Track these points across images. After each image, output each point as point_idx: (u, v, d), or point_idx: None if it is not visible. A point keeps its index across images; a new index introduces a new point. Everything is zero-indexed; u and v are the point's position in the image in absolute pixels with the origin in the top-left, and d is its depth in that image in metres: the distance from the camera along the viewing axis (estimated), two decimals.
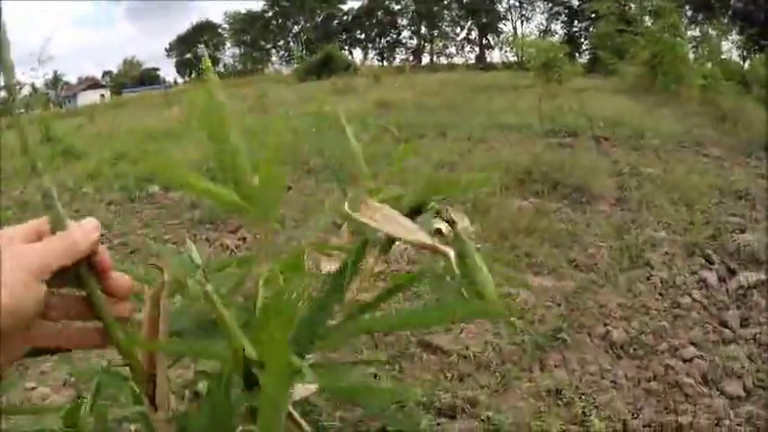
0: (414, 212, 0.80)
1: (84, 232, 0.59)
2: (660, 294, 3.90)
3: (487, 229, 4.95)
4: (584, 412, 2.70)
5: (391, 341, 3.25)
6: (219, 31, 73.10)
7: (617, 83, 20.55)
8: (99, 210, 7.19)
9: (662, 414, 2.72)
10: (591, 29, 46.65)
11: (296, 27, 69.49)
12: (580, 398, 2.81)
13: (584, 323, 3.54)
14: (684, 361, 3.12)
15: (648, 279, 4.12)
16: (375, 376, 2.97)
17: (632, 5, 29.48)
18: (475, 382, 2.94)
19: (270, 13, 68.91)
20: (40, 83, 53.59)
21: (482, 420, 2.63)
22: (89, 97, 54.03)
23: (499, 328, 3.42)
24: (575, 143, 9.22)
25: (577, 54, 45.77)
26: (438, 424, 2.60)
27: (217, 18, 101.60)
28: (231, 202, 0.74)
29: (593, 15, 41.20)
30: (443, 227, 0.76)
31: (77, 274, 0.59)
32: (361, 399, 0.78)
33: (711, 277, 4.12)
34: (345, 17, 67.02)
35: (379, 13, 66.35)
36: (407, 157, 0.78)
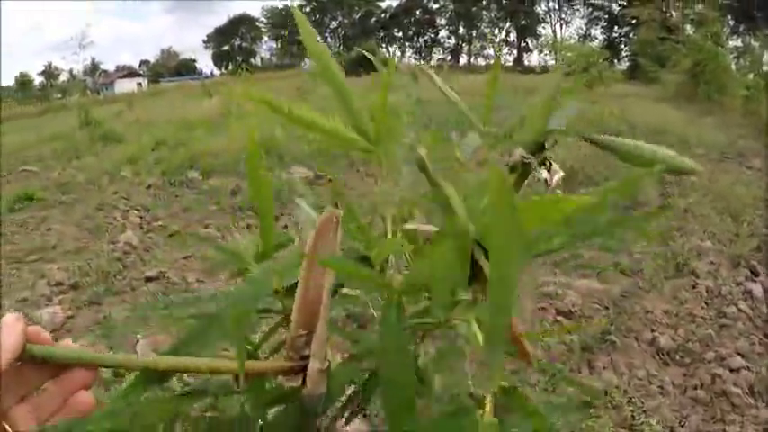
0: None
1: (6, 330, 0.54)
2: (706, 303, 3.87)
3: None
4: (632, 416, 2.69)
5: None
6: (257, 24, 73.38)
7: (658, 91, 20.29)
8: (138, 193, 7.24)
9: (709, 423, 2.71)
10: (631, 35, 46.29)
11: (333, 23, 69.66)
12: (629, 402, 2.81)
13: (631, 327, 3.52)
14: (731, 371, 3.08)
15: (694, 288, 4.07)
16: None
17: (673, 13, 29.23)
18: (524, 380, 2.91)
19: (308, 9, 69.07)
20: (79, 68, 54.25)
21: None
22: (126, 85, 54.52)
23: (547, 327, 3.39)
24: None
25: (616, 60, 45.35)
26: None
27: (255, 11, 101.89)
28: (352, 140, 0.76)
29: (633, 21, 40.75)
30: (547, 176, 0.78)
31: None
32: None
33: (756, 289, 4.06)
34: (383, 15, 66.98)
35: (418, 12, 66.23)
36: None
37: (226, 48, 73.82)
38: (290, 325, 0.69)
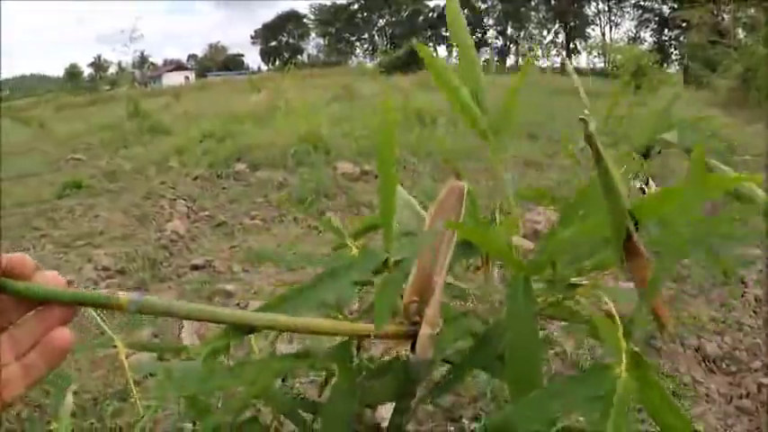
0: None
1: None
2: (754, 312, 3.75)
3: None
4: None
5: None
6: (305, 21, 73.76)
7: (709, 96, 19.94)
8: (185, 183, 7.28)
9: None
10: (681, 38, 45.69)
11: (381, 21, 69.72)
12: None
13: (677, 333, 3.42)
14: None
15: (742, 296, 3.97)
16: None
17: (725, 16, 28.73)
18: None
19: (356, 6, 69.23)
20: (128, 61, 54.94)
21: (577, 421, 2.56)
22: (173, 79, 55.07)
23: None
24: (667, 152, 8.99)
25: (666, 64, 44.76)
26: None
27: (303, 8, 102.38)
28: (480, 127, 0.82)
29: (683, 25, 40.17)
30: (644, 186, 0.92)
31: None
32: None
33: None
34: (431, 13, 66.92)
35: (466, 11, 66.02)
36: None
37: (273, 44, 74.39)
38: (404, 291, 0.73)
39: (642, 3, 58.99)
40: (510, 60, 65.58)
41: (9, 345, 0.56)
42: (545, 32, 65.44)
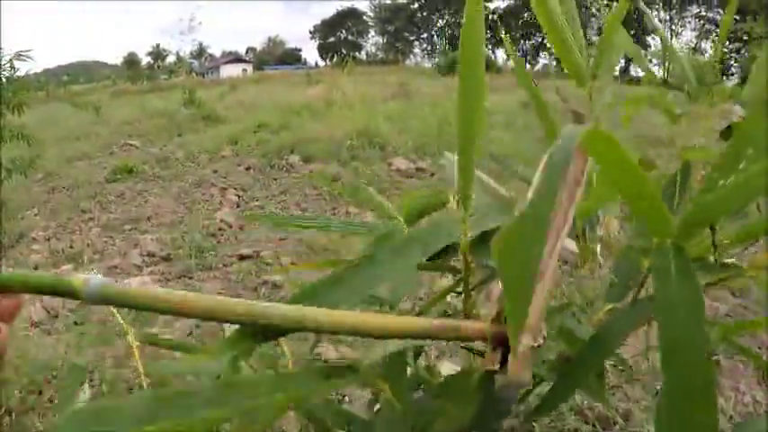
0: None
1: None
2: None
3: None
4: None
5: None
6: (364, 18, 73.94)
7: None
8: (236, 173, 7.26)
9: None
10: (742, 51, 44.83)
11: (441, 21, 69.59)
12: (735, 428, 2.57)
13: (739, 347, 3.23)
14: None
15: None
16: None
17: None
18: (626, 395, 2.75)
19: (416, 5, 69.21)
20: (186, 51, 55.56)
21: None
22: (231, 70, 55.53)
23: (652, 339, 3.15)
24: None
25: (725, 77, 43.98)
26: None
27: (363, 6, 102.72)
28: (576, 65, 0.76)
29: (745, 38, 39.40)
30: None
31: None
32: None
33: None
34: (491, 15, 66.57)
35: (526, 14, 65.62)
36: None
37: (331, 40, 74.77)
38: (499, 282, 0.50)
39: (703, 13, 58.23)
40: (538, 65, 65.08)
41: None
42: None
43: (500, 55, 61.05)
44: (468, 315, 0.60)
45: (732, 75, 48.60)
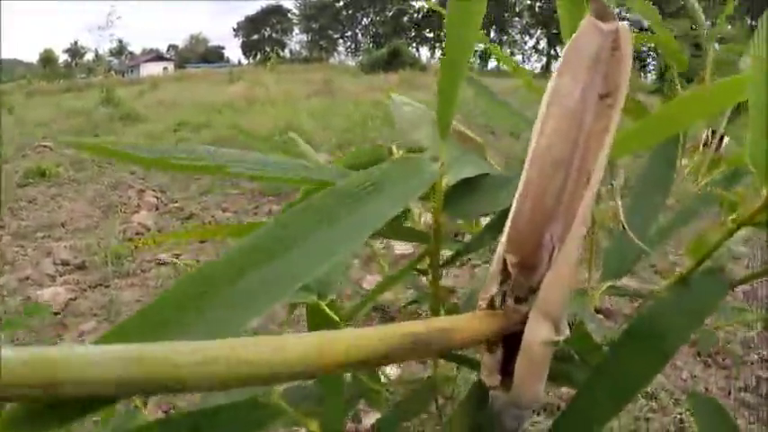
0: None
1: None
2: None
3: None
4: (681, 419, 2.62)
5: None
6: (289, 15, 73.76)
7: None
8: (154, 173, 7.11)
9: (758, 426, 2.66)
10: (659, 50, 46.07)
11: (365, 19, 69.88)
12: (676, 403, 2.74)
13: None
14: None
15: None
16: None
17: (705, 31, 29.11)
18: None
19: (341, 3, 69.36)
20: (106, 48, 54.61)
21: None
22: (152, 69, 54.70)
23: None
24: None
25: (643, 74, 45.20)
26: (535, 423, 2.43)
27: (288, 3, 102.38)
28: None
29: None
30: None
31: None
32: None
33: None
34: (416, 14, 67.11)
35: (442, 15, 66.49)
36: None
37: (255, 37, 74.36)
38: (499, 248, 0.37)
39: (623, 14, 59.91)
40: (492, 63, 66.06)
41: None
42: (527, 38, 66.25)
43: (424, 53, 61.69)
44: (436, 302, 0.48)
45: (650, 71, 49.98)
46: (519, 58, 66.16)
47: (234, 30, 77.00)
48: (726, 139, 1.00)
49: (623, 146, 0.47)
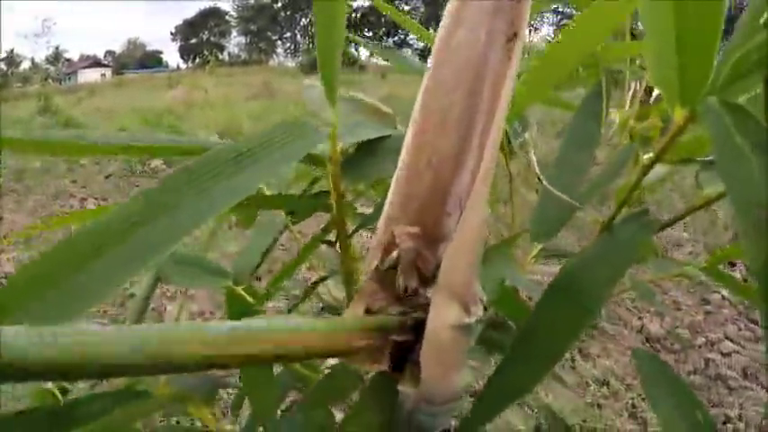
0: None
1: None
2: (689, 291, 3.89)
3: None
4: (633, 404, 2.69)
5: None
6: (227, 18, 72.98)
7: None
8: (96, 181, 7.03)
9: (708, 407, 2.67)
10: None
11: (304, 20, 69.47)
12: (627, 388, 2.82)
13: (620, 315, 3.54)
14: (723, 355, 3.14)
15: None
16: None
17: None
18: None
19: (279, 4, 68.83)
20: (43, 56, 53.47)
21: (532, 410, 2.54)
22: (89, 76, 53.84)
23: None
24: None
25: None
26: None
27: (226, 5, 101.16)
28: None
29: None
30: None
31: None
32: None
33: (735, 276, 4.07)
34: (354, 14, 66.89)
35: (388, 13, 66.42)
36: None
37: (194, 41, 73.41)
38: (380, 219, 0.34)
39: (561, 9, 60.26)
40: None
41: None
42: None
43: (363, 52, 61.53)
44: (348, 275, 0.43)
45: None
46: None
47: (172, 34, 75.97)
48: (656, 90, 0.94)
49: (533, 89, 0.50)
